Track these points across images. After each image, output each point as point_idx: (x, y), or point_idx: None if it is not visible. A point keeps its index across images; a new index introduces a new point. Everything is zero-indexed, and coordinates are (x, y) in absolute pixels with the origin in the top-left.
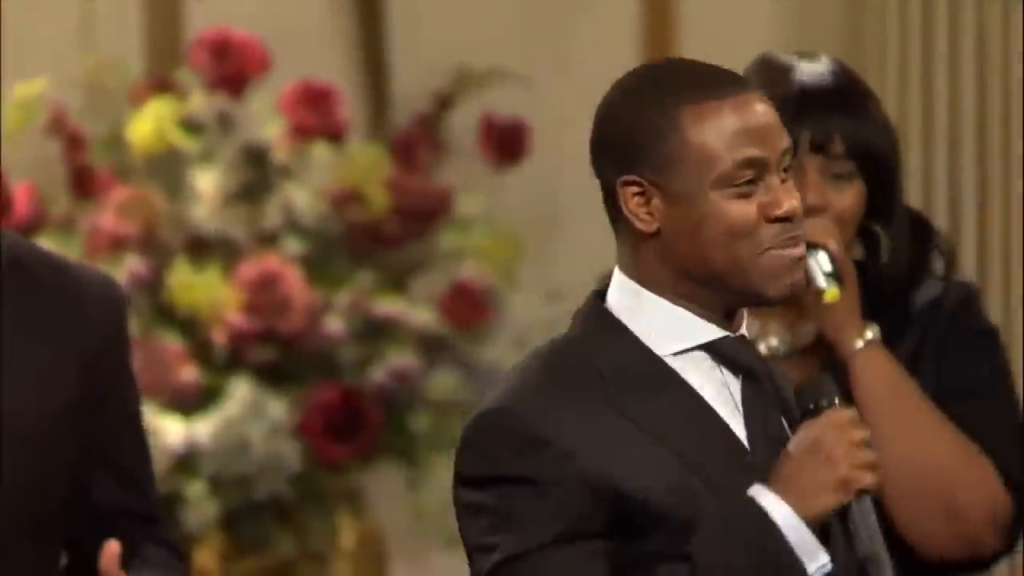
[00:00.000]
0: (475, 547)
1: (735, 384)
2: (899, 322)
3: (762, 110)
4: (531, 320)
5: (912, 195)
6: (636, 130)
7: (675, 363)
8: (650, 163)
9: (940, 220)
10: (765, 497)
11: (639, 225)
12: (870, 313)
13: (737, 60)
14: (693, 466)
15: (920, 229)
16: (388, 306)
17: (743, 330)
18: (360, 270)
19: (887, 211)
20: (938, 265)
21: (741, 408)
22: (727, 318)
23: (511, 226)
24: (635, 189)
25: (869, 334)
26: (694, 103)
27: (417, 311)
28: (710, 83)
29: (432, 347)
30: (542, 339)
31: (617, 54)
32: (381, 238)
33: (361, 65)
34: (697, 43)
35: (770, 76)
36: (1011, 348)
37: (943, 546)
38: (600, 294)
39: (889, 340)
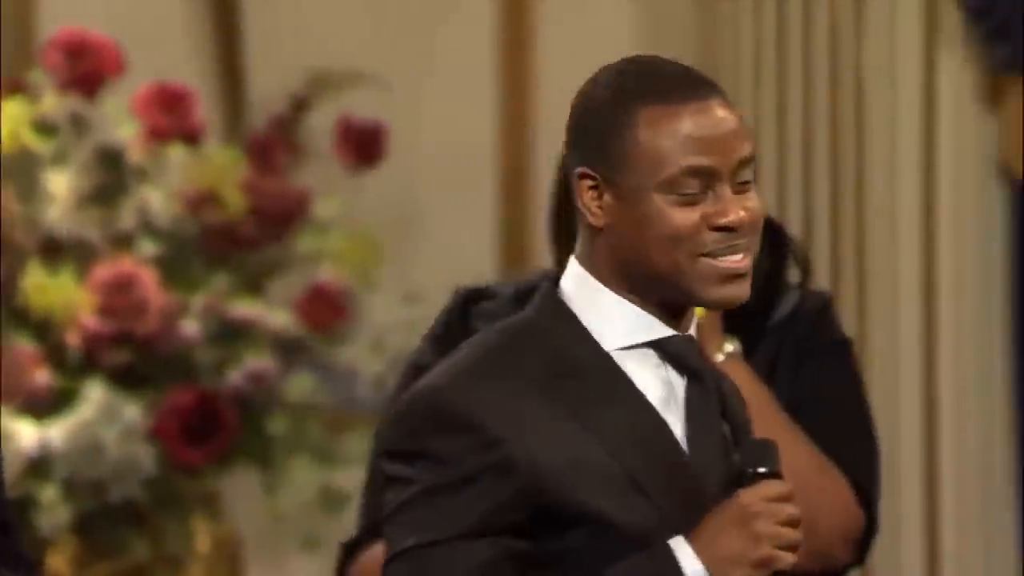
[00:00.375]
0: (392, 521)
1: (680, 384)
2: (758, 333)
3: (719, 119)
4: (389, 322)
5: (767, 201)
6: (597, 125)
7: (621, 358)
8: (605, 159)
9: (794, 226)
10: (683, 550)
11: (590, 218)
12: (731, 326)
13: (593, 64)
14: (627, 466)
15: (775, 236)
16: (245, 308)
17: (692, 331)
18: (216, 272)
19: None
20: (793, 273)
21: (684, 409)
22: (675, 317)
23: (369, 228)
24: (590, 183)
25: (729, 347)
26: (652, 105)
27: (274, 313)
28: (674, 86)
29: (289, 350)
30: (400, 341)
31: (474, 56)
32: (237, 240)
33: (217, 67)
34: (554, 46)
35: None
36: (866, 356)
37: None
38: (555, 280)
39: (748, 351)
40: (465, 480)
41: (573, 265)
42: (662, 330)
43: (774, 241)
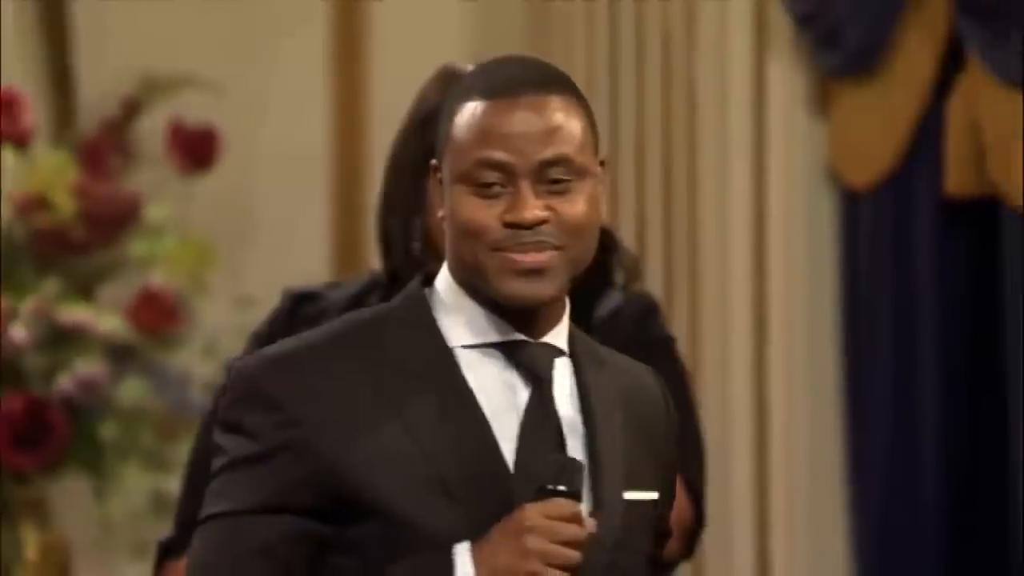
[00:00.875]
0: (208, 488)
1: (523, 390)
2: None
3: (523, 117)
4: (221, 327)
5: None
6: (440, 118)
7: (467, 357)
8: (439, 152)
9: (627, 231)
10: (462, 558)
11: (438, 209)
12: None
13: (426, 68)
14: (441, 470)
15: (602, 239)
16: (75, 313)
17: (549, 337)
18: (46, 277)
19: None
20: (619, 276)
21: (522, 416)
22: (525, 319)
23: (201, 233)
24: (438, 175)
25: None
26: (468, 99)
27: (105, 318)
28: (496, 83)
29: (120, 355)
30: (232, 346)
31: (308, 60)
32: (68, 244)
33: (46, 69)
34: (387, 51)
35: (447, 87)
36: (698, 360)
37: None
38: (428, 275)
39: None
40: (262, 456)
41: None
42: (507, 333)
43: (600, 248)
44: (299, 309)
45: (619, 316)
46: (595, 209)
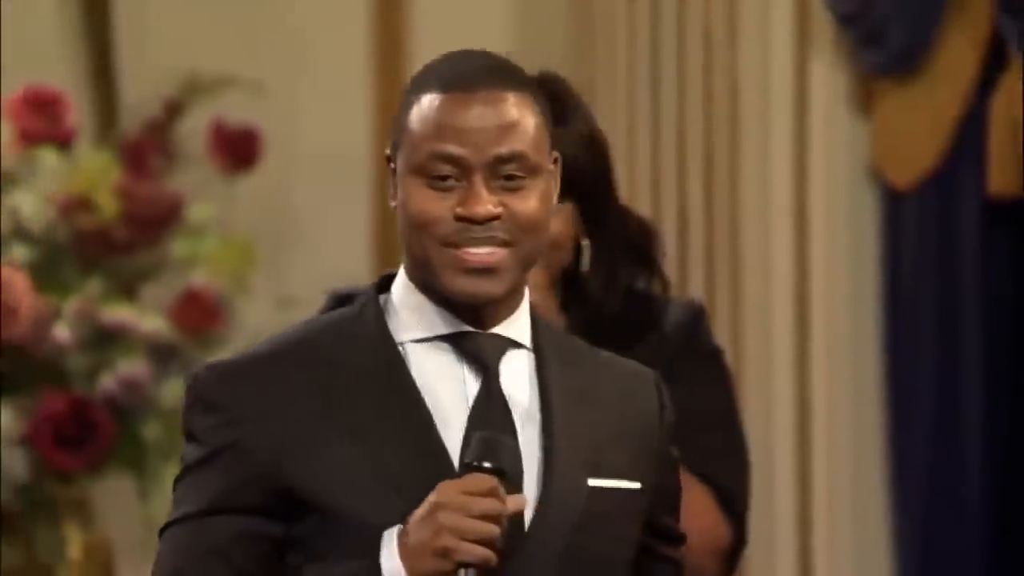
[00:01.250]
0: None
1: (474, 382)
2: (623, 343)
3: (479, 112)
4: (263, 327)
5: (642, 204)
6: (398, 108)
7: (417, 351)
8: (394, 143)
9: (669, 230)
10: (388, 540)
11: (390, 200)
12: (597, 336)
13: None
14: (387, 469)
15: (649, 247)
16: (118, 313)
17: (500, 328)
18: (89, 277)
19: (595, 226)
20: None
21: (470, 409)
22: (474, 312)
23: (243, 233)
24: (391, 165)
25: None
26: (424, 92)
27: (147, 319)
28: (453, 77)
29: (163, 355)
30: None
31: (349, 59)
32: (110, 245)
33: (89, 70)
34: (428, 48)
35: None
36: (740, 361)
37: None
38: (388, 277)
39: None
40: (208, 457)
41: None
42: (458, 325)
43: (646, 251)
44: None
45: (667, 327)
46: (547, 207)
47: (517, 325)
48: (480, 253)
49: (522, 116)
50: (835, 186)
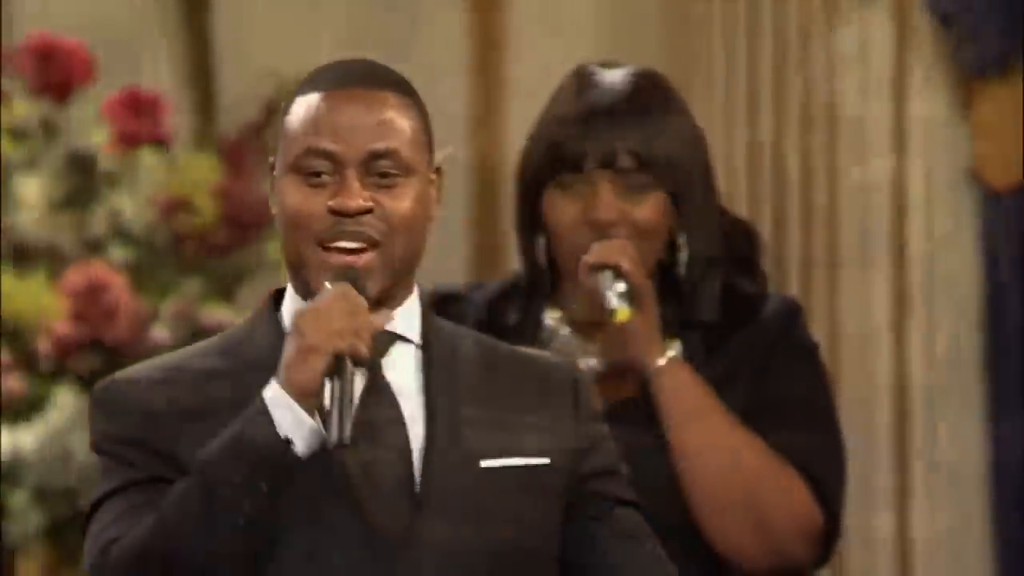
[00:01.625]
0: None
1: (359, 378)
2: (718, 337)
3: (354, 109)
4: None
5: (739, 206)
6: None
7: None
8: (275, 147)
9: (765, 227)
10: (271, 387)
11: (272, 207)
12: (691, 330)
13: (563, 67)
14: None
15: (747, 243)
16: (216, 314)
17: (393, 326)
18: (187, 278)
19: (691, 220)
20: (753, 279)
21: (357, 400)
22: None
23: None
24: (272, 172)
25: (671, 351)
26: (304, 94)
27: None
28: (330, 77)
29: None
30: None
31: (447, 62)
32: (209, 246)
33: (188, 72)
34: (524, 51)
35: (582, 89)
36: (838, 362)
37: (751, 557)
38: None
39: (706, 355)
40: (116, 459)
41: None
42: None
43: (744, 251)
44: (442, 310)
45: (763, 322)
46: (422, 208)
47: (404, 321)
48: (349, 252)
49: (399, 116)
50: (934, 187)
